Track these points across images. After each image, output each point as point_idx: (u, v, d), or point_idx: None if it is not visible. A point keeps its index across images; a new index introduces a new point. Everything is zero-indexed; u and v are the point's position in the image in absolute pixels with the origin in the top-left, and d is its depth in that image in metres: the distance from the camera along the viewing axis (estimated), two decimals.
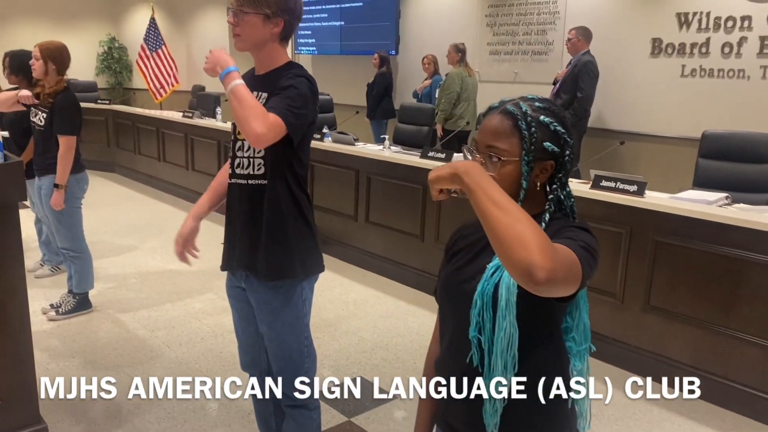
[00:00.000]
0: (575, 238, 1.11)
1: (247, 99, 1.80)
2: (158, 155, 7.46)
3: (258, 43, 1.97)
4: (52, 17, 11.82)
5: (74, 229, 3.78)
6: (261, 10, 1.92)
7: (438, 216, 4.25)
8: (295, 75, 1.94)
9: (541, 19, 6.82)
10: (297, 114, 1.87)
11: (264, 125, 1.79)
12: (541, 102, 1.22)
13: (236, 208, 2.09)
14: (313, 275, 2.11)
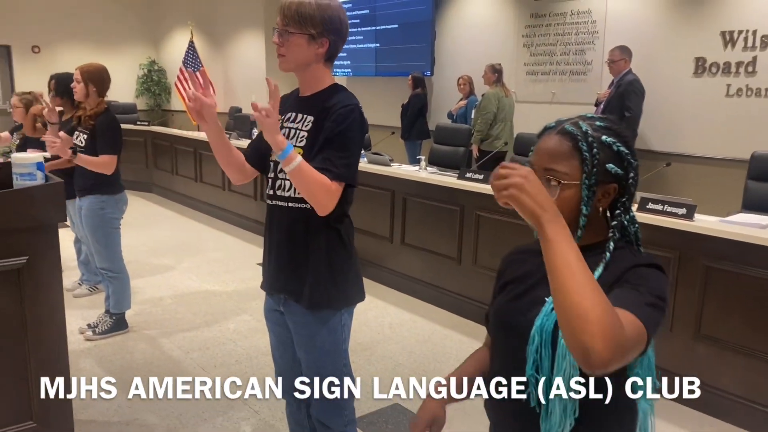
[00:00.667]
0: (643, 288, 1.03)
1: (308, 176, 1.80)
2: (195, 176, 7.54)
3: (302, 64, 1.95)
4: (95, 41, 12.16)
5: (113, 250, 3.80)
6: (306, 30, 1.89)
7: (476, 238, 4.17)
8: (344, 110, 1.89)
9: (579, 38, 6.73)
10: (349, 164, 1.88)
11: (328, 197, 1.84)
12: (602, 121, 1.15)
13: (276, 231, 2.05)
14: (353, 305, 2.07)
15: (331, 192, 1.84)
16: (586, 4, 6.61)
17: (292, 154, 1.78)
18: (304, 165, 1.80)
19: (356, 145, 1.91)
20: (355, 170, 1.91)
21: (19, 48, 11.73)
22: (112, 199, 3.71)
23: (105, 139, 3.58)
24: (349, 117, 1.89)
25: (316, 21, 1.89)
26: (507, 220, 3.95)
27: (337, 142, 1.87)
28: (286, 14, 1.91)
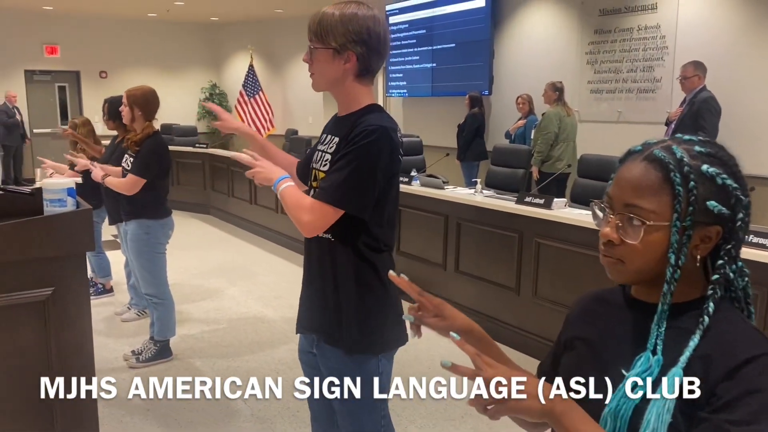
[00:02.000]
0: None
1: (287, 197, 1.74)
2: (250, 198, 7.51)
3: (331, 81, 1.77)
4: (159, 66, 12.50)
5: (158, 275, 3.72)
6: (328, 43, 1.72)
7: (536, 267, 3.89)
8: (366, 130, 1.69)
9: (647, 55, 6.37)
10: (349, 186, 1.67)
11: (307, 215, 1.70)
12: (702, 145, 0.91)
13: (308, 263, 1.88)
14: (393, 350, 1.85)
15: (309, 210, 1.69)
16: (655, 18, 6.26)
17: (279, 184, 1.74)
18: (285, 190, 1.73)
19: (366, 168, 1.68)
20: (356, 195, 1.68)
21: (88, 73, 12.18)
22: (158, 224, 3.64)
23: (139, 160, 3.53)
24: (367, 138, 1.68)
25: (337, 33, 1.72)
26: (570, 249, 3.67)
27: (344, 161, 1.69)
28: (310, 29, 1.76)
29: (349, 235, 1.75)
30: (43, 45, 11.69)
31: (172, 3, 10.45)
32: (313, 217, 1.68)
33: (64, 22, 11.69)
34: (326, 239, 1.76)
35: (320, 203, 1.67)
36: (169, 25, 12.67)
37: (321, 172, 1.77)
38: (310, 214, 1.68)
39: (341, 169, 1.68)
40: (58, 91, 12.20)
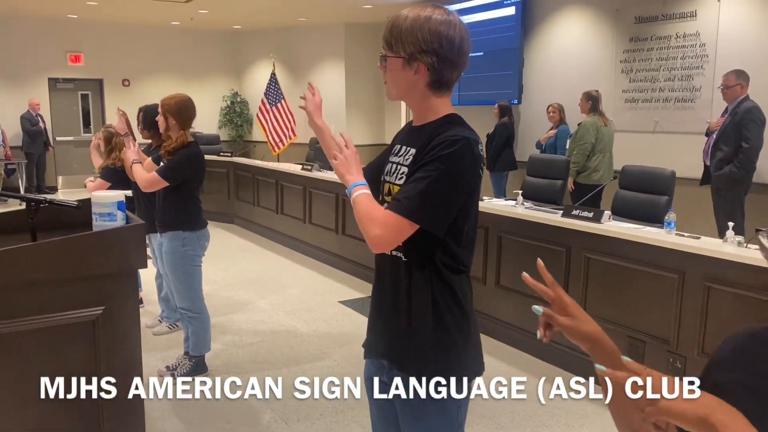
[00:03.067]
0: None
1: (360, 205, 1.60)
2: (276, 208, 7.41)
3: (405, 91, 1.66)
4: (180, 74, 12.49)
5: (193, 289, 3.61)
6: (397, 52, 1.60)
7: (585, 283, 3.74)
8: (448, 140, 1.56)
9: (686, 63, 6.21)
10: (431, 206, 1.54)
11: (378, 229, 1.55)
12: None
13: (380, 284, 1.75)
14: (473, 378, 1.71)
15: (381, 223, 1.54)
16: (694, 26, 6.10)
17: (355, 189, 1.62)
18: (360, 198, 1.59)
19: (446, 181, 1.54)
20: (433, 209, 1.54)
21: (111, 81, 12.19)
22: (194, 236, 3.53)
23: (168, 164, 3.43)
24: (449, 148, 1.55)
25: (407, 41, 1.59)
26: (622, 264, 3.52)
27: (422, 172, 1.55)
28: (383, 36, 1.64)
29: (425, 254, 1.62)
30: (66, 53, 11.71)
31: (196, 11, 10.43)
32: (383, 232, 1.54)
33: (88, 31, 11.71)
34: (399, 259, 1.64)
35: (394, 216, 1.54)
36: (192, 33, 12.67)
37: (396, 186, 1.64)
38: (381, 227, 1.55)
39: (419, 180, 1.55)
40: (81, 99, 12.21)
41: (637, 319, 3.48)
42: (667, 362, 3.31)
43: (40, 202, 2.14)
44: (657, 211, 4.67)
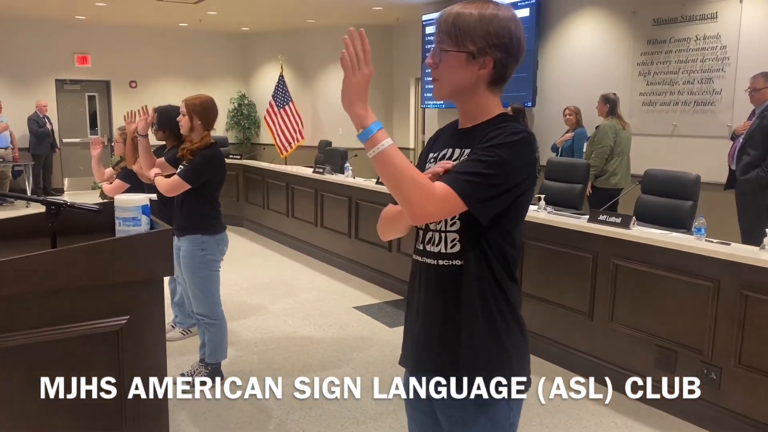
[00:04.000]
0: None
1: (398, 166, 1.40)
2: (287, 211, 7.31)
3: (460, 89, 1.55)
4: (188, 75, 12.41)
5: (211, 294, 3.51)
6: (464, 47, 1.50)
7: (613, 291, 3.63)
8: (508, 131, 1.48)
9: (706, 66, 6.10)
10: (482, 190, 1.43)
11: (427, 201, 1.40)
12: None
13: (423, 295, 1.63)
14: (525, 392, 1.61)
15: (435, 197, 1.40)
16: (715, 28, 6.00)
17: (379, 134, 1.40)
18: (392, 151, 1.40)
19: (505, 169, 1.44)
20: (486, 193, 1.43)
21: (118, 83, 12.12)
22: (213, 240, 3.44)
23: (191, 166, 3.34)
24: (511, 137, 1.46)
25: (476, 35, 1.50)
26: (653, 272, 3.41)
27: (480, 153, 1.45)
28: (441, 28, 1.53)
29: (485, 257, 1.52)
30: (73, 54, 11.64)
31: (205, 13, 10.35)
32: (431, 205, 1.40)
33: (96, 32, 11.65)
34: (455, 266, 1.53)
35: (450, 192, 1.42)
36: (200, 34, 12.60)
37: None
38: (441, 203, 1.41)
39: (475, 162, 1.45)
40: (88, 101, 12.14)
41: (668, 327, 3.37)
42: (700, 373, 3.20)
43: (60, 205, 2.04)
44: (681, 217, 4.56)
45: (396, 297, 5.36)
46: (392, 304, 5.21)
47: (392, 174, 1.41)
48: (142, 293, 1.91)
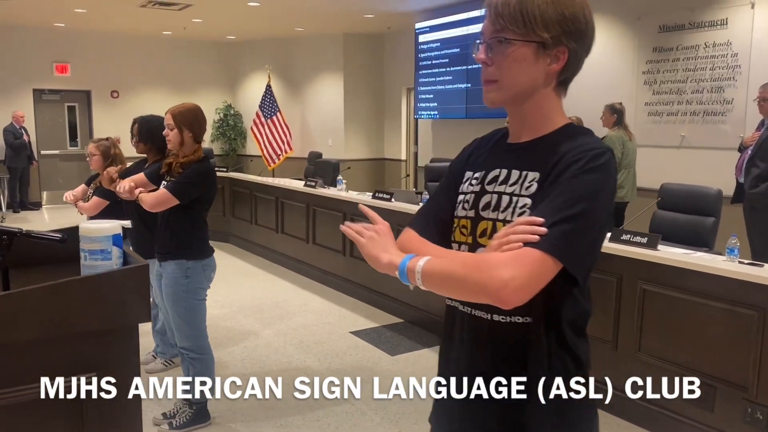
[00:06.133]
0: None
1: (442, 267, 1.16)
2: (276, 226, 6.95)
3: (524, 91, 1.23)
4: (171, 85, 12.02)
5: (196, 326, 3.14)
6: (535, 35, 1.18)
7: (639, 317, 3.31)
8: (590, 151, 1.16)
9: (716, 74, 5.85)
10: (577, 240, 1.11)
11: (509, 266, 1.08)
12: None
13: (467, 353, 1.29)
14: None
15: (510, 262, 1.08)
16: (725, 35, 5.75)
17: (411, 264, 1.18)
18: (432, 266, 1.16)
19: (598, 207, 1.13)
20: (582, 247, 1.13)
21: (99, 93, 11.70)
22: (198, 266, 3.07)
23: (181, 179, 2.97)
24: (597, 160, 1.15)
25: (550, 20, 1.18)
26: (688, 298, 3.09)
27: (566, 191, 1.13)
28: (501, 13, 1.19)
29: (554, 311, 1.19)
30: (53, 63, 11.21)
31: (190, 20, 9.99)
32: (519, 271, 1.07)
33: (76, 40, 11.23)
34: (517, 324, 1.20)
35: (533, 252, 1.09)
36: (184, 43, 12.22)
37: None
38: (513, 266, 1.07)
39: (559, 205, 1.12)
40: (68, 112, 11.70)
41: (704, 360, 3.05)
42: (744, 412, 2.88)
43: (13, 234, 1.67)
44: (703, 234, 4.28)
45: (395, 320, 5.01)
46: (391, 328, 4.86)
47: (448, 283, 1.15)
48: (112, 345, 1.55)
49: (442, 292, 1.18)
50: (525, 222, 1.12)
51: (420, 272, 1.15)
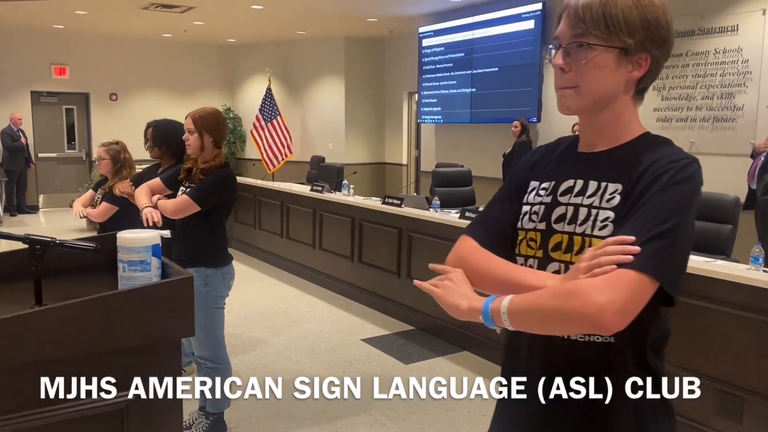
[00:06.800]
0: None
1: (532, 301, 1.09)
2: (281, 231, 6.87)
3: (603, 98, 1.17)
4: (171, 88, 11.95)
5: (215, 335, 3.07)
6: (618, 40, 1.13)
7: None
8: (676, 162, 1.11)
9: (726, 80, 5.83)
10: (671, 257, 1.06)
11: (604, 289, 1.01)
12: None
13: (539, 375, 1.23)
14: None
15: (607, 286, 1.01)
16: (736, 41, 5.73)
17: (494, 306, 1.12)
18: (518, 302, 1.10)
19: (688, 221, 1.08)
20: (676, 265, 1.07)
21: (98, 95, 11.60)
22: (218, 273, 3.00)
23: (202, 185, 2.90)
24: (685, 171, 1.10)
25: (634, 25, 1.13)
26: (714, 308, 3.04)
27: (656, 205, 1.07)
28: (582, 17, 1.14)
29: (641, 332, 1.13)
30: (51, 65, 11.11)
31: (191, 23, 9.92)
32: (617, 294, 1.00)
33: (75, 42, 11.13)
34: (595, 342, 1.14)
35: (629, 273, 1.02)
36: (184, 46, 12.14)
37: (598, 239, 1.14)
38: (608, 290, 1.01)
39: (657, 217, 1.06)
40: (66, 114, 11.58)
41: (731, 371, 3.00)
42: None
43: (47, 244, 1.60)
44: (719, 242, 4.23)
45: (407, 327, 4.94)
46: (404, 335, 4.79)
47: (539, 318, 1.08)
48: (154, 361, 1.48)
49: (533, 329, 1.11)
50: (615, 242, 1.06)
51: (506, 312, 1.09)
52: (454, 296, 1.17)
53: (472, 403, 3.55)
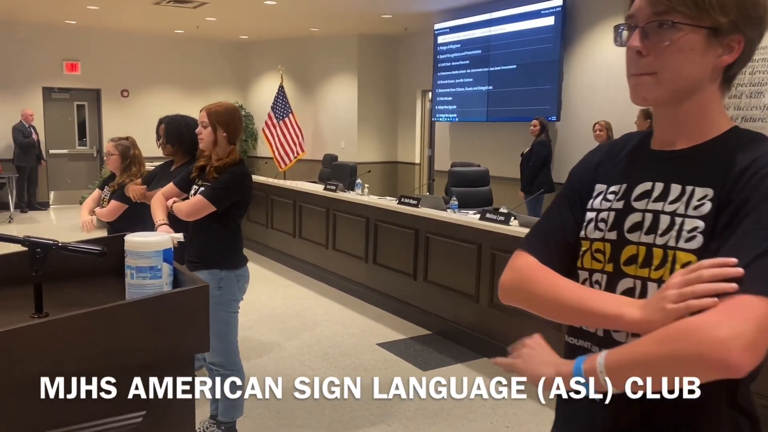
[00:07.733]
0: None
1: (642, 354, 0.91)
2: (294, 231, 6.74)
3: (687, 86, 1.02)
4: (182, 85, 11.85)
5: (228, 340, 2.92)
6: (709, 18, 0.97)
7: None
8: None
9: (755, 79, 5.63)
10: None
11: (729, 323, 0.84)
12: None
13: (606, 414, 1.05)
14: None
15: (730, 314, 0.85)
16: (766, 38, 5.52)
17: (587, 366, 0.95)
18: (618, 358, 0.93)
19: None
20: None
21: (109, 92, 11.51)
22: (232, 276, 2.86)
23: (217, 185, 2.76)
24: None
25: (728, 3, 0.96)
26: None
27: (763, 217, 0.91)
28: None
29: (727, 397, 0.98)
30: (63, 61, 11.03)
31: (204, 19, 9.80)
32: (743, 326, 0.84)
33: (87, 38, 11.05)
34: (680, 405, 0.96)
35: (749, 299, 0.86)
36: (196, 42, 12.03)
37: (682, 252, 0.97)
38: (729, 323, 0.84)
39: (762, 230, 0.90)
40: (77, 110, 11.51)
41: None
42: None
43: (48, 247, 1.46)
44: None
45: (423, 332, 4.79)
46: (420, 340, 4.64)
47: (647, 371, 0.90)
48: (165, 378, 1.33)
49: (643, 387, 0.91)
50: (712, 264, 0.89)
51: (604, 372, 0.92)
52: (535, 363, 1.01)
53: (495, 413, 3.39)
